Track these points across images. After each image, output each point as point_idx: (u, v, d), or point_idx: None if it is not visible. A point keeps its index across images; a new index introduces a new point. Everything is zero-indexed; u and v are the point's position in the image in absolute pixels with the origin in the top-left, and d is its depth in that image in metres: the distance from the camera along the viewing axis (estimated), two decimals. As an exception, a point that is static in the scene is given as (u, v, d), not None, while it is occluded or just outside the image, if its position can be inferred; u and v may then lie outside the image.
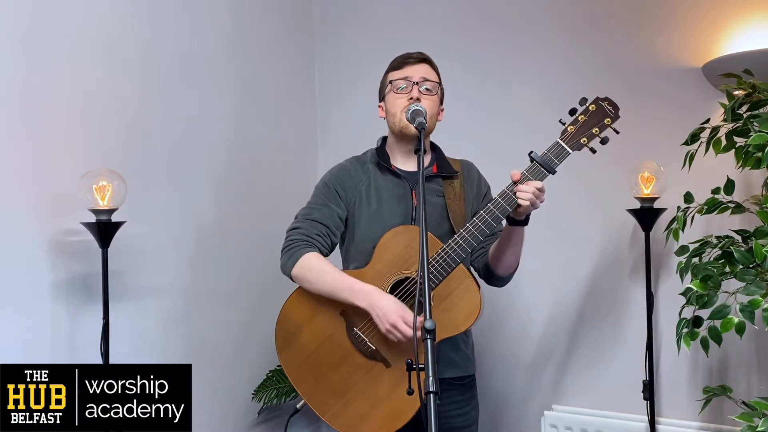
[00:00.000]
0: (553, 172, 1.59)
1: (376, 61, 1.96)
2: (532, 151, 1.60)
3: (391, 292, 1.65)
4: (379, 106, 1.82)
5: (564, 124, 1.61)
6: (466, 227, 1.60)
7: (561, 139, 1.60)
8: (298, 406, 1.75)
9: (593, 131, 1.60)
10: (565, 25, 2.45)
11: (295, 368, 1.72)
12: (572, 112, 1.62)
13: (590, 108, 1.61)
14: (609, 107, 1.61)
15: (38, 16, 1.91)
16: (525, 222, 1.64)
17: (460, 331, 1.61)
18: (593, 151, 1.61)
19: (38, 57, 1.90)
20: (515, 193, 1.57)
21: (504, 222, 1.66)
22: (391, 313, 1.56)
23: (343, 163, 1.85)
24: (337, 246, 1.84)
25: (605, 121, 1.60)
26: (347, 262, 1.81)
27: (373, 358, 1.65)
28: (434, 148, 1.84)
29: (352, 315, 1.67)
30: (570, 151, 1.59)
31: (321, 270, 1.68)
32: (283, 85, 2.83)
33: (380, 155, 1.80)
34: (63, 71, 1.96)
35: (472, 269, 1.82)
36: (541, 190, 1.56)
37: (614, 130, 1.61)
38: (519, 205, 1.57)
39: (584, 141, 1.60)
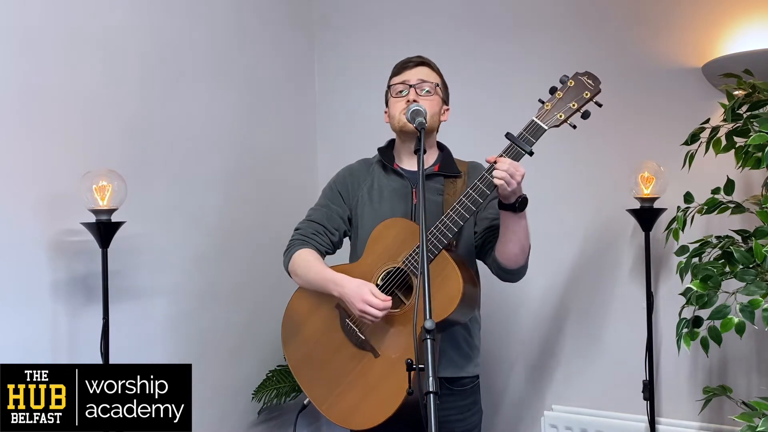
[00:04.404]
0: (530, 152, 1.55)
1: (376, 61, 1.96)
2: (508, 132, 1.56)
3: (382, 282, 1.67)
4: (385, 112, 1.86)
5: (543, 102, 1.58)
6: (447, 213, 1.59)
7: (537, 117, 1.56)
8: (305, 401, 1.77)
9: (571, 105, 1.55)
10: (566, 25, 2.45)
11: (297, 361, 1.79)
12: (552, 90, 1.58)
13: (569, 84, 1.57)
14: (588, 81, 1.56)
15: (38, 16, 1.91)
16: (515, 207, 1.59)
17: (443, 317, 1.57)
18: (573, 126, 1.56)
19: (38, 57, 1.90)
20: (491, 174, 1.54)
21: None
22: (355, 300, 1.60)
23: (352, 164, 1.92)
24: (347, 244, 1.90)
25: (584, 95, 1.55)
26: (354, 259, 1.84)
27: (363, 348, 1.68)
28: (442, 148, 1.86)
29: (346, 306, 1.70)
30: (545, 127, 1.55)
31: (307, 264, 1.76)
32: (284, 85, 2.83)
33: (384, 155, 1.84)
34: (63, 71, 1.96)
35: (481, 264, 1.82)
36: (515, 167, 1.52)
37: (596, 103, 1.56)
38: (496, 186, 1.54)
39: (560, 117, 1.55)
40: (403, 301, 1.65)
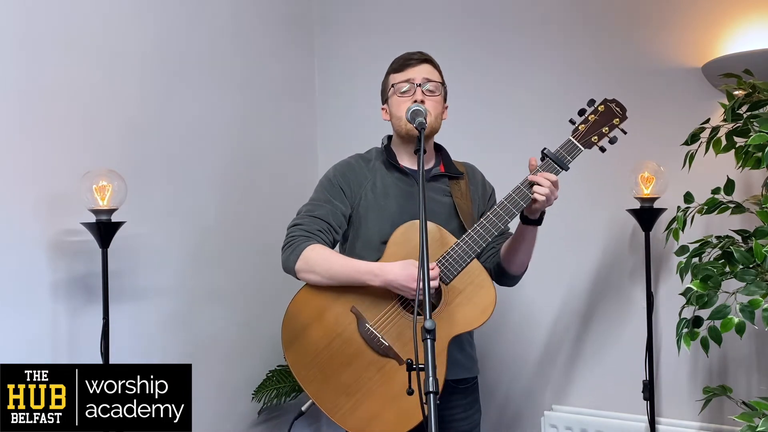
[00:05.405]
0: (566, 169, 1.63)
1: (375, 61, 1.96)
2: (545, 148, 1.64)
3: None
4: (383, 109, 1.81)
5: (574, 123, 1.67)
6: (480, 222, 1.61)
7: (573, 137, 1.65)
8: (303, 408, 1.68)
9: (603, 130, 1.66)
10: (566, 26, 2.45)
11: (304, 367, 1.66)
12: (581, 112, 1.67)
13: (599, 108, 1.67)
14: (617, 108, 1.67)
15: (38, 16, 1.91)
16: (539, 221, 1.66)
17: (475, 326, 1.60)
18: (603, 150, 1.67)
19: (38, 57, 1.90)
20: (529, 188, 1.59)
21: (518, 222, 1.68)
22: (409, 281, 1.55)
23: (348, 159, 1.83)
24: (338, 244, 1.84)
25: (614, 121, 1.66)
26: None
27: (386, 355, 1.61)
28: (439, 149, 1.84)
29: (364, 310, 1.64)
30: (582, 148, 1.64)
31: (326, 259, 1.64)
32: (283, 85, 2.83)
33: (387, 153, 1.79)
34: (63, 71, 1.96)
35: None
36: (555, 184, 1.59)
37: (622, 130, 1.67)
38: (534, 200, 1.59)
39: (595, 139, 1.65)
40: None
